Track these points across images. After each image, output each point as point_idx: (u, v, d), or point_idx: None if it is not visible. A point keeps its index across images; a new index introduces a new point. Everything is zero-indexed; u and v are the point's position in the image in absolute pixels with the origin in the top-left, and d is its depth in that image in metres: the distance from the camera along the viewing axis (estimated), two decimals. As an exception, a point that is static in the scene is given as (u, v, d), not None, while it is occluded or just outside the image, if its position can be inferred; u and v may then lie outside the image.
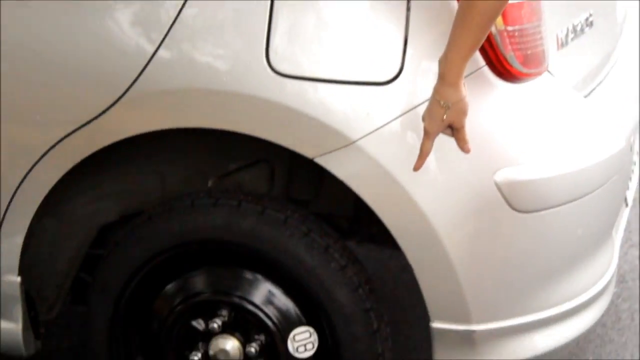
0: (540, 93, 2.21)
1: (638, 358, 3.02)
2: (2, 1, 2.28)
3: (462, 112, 1.95)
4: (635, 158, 2.74)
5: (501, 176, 2.07)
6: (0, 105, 2.31)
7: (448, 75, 1.94)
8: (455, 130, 1.97)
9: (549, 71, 2.21)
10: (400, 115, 2.07)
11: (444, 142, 1.98)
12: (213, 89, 2.17)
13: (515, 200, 2.08)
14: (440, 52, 1.95)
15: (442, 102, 1.93)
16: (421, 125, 1.98)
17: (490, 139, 2.11)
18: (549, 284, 2.23)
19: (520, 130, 2.17)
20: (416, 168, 1.97)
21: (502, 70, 2.13)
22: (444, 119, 1.95)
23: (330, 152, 2.08)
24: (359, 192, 2.08)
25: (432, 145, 1.95)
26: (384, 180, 2.05)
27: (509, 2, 1.96)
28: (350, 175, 2.08)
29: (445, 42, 1.95)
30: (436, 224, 2.05)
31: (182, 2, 2.16)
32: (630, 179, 2.61)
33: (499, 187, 2.07)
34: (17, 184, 2.29)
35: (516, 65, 2.11)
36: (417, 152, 1.96)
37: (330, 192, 2.45)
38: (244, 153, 2.46)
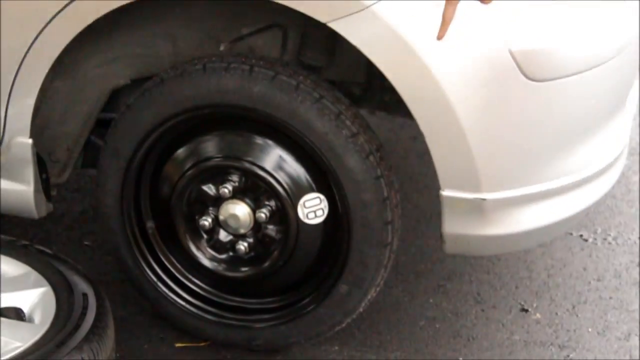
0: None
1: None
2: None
3: None
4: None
5: (516, 45, 2.04)
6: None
7: None
8: None
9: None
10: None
11: (460, 11, 1.90)
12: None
13: (529, 68, 2.04)
14: None
15: None
16: None
17: (505, 8, 2.05)
18: (560, 153, 2.21)
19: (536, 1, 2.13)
20: (439, 37, 1.91)
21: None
22: None
23: (344, 16, 2.04)
24: (372, 59, 2.06)
25: (454, 11, 1.88)
26: (398, 46, 2.02)
27: None
28: (363, 41, 2.04)
29: None
30: (449, 91, 2.03)
31: None
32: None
33: (513, 55, 2.03)
34: (28, 46, 2.26)
35: None
36: (432, 18, 1.90)
37: (343, 59, 2.44)
38: (257, 17, 2.43)
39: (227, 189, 2.27)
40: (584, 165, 2.24)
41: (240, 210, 2.26)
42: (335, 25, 2.06)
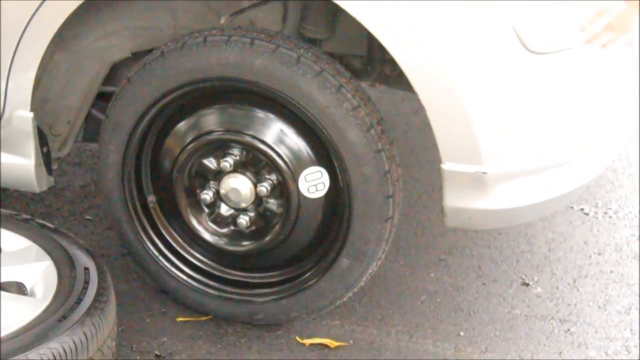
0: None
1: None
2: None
3: None
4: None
5: (517, 17, 2.04)
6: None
7: None
8: None
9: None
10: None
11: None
12: None
13: (531, 40, 2.03)
14: None
15: None
16: None
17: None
18: (562, 128, 2.20)
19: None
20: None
21: None
22: None
23: None
24: (372, 31, 2.06)
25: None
26: (400, 20, 2.01)
27: None
28: (364, 14, 2.04)
29: None
30: (450, 65, 2.03)
31: None
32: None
33: (514, 28, 2.02)
34: (28, 19, 2.26)
35: None
36: None
37: (344, 32, 2.46)
38: None
39: (228, 162, 2.27)
40: (586, 139, 2.24)
41: (241, 184, 2.26)
42: (336, -3, 2.03)
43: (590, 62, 2.17)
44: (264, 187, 2.24)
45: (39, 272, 2.14)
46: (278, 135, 2.30)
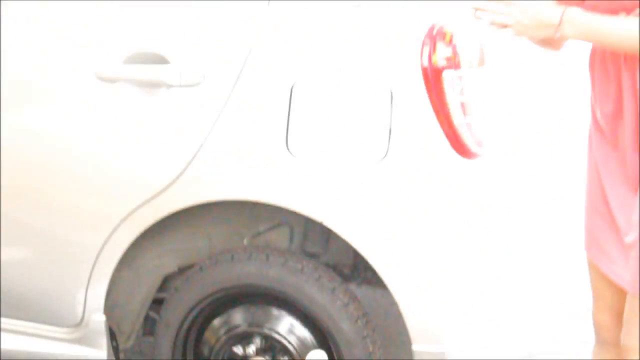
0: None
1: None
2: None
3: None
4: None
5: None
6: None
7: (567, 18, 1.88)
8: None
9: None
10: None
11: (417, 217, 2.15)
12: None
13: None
14: None
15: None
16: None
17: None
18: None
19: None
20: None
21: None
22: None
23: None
24: (357, 247, 2.26)
25: None
26: (376, 239, 2.25)
27: None
28: (350, 235, 2.26)
29: None
30: (416, 272, 2.28)
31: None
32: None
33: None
34: (102, 244, 2.45)
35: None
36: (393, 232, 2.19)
37: (336, 247, 2.59)
38: (270, 218, 2.62)
39: (251, 349, 2.43)
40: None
41: (262, 365, 2.44)
42: (328, 223, 2.26)
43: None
44: (279, 366, 2.40)
45: None
46: (288, 327, 2.46)
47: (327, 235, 2.55)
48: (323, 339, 2.45)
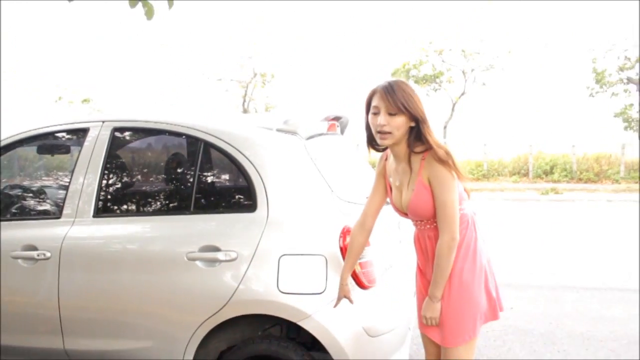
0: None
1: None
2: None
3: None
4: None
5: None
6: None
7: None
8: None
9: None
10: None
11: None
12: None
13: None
14: None
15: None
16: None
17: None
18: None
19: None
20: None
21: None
22: None
23: (303, 319, 3.50)
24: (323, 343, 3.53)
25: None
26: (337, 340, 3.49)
27: None
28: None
29: None
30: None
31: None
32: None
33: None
34: (191, 336, 3.79)
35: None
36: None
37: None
38: (269, 321, 3.90)
39: None
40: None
41: None
42: (303, 324, 3.36)
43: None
44: None
45: None
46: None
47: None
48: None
